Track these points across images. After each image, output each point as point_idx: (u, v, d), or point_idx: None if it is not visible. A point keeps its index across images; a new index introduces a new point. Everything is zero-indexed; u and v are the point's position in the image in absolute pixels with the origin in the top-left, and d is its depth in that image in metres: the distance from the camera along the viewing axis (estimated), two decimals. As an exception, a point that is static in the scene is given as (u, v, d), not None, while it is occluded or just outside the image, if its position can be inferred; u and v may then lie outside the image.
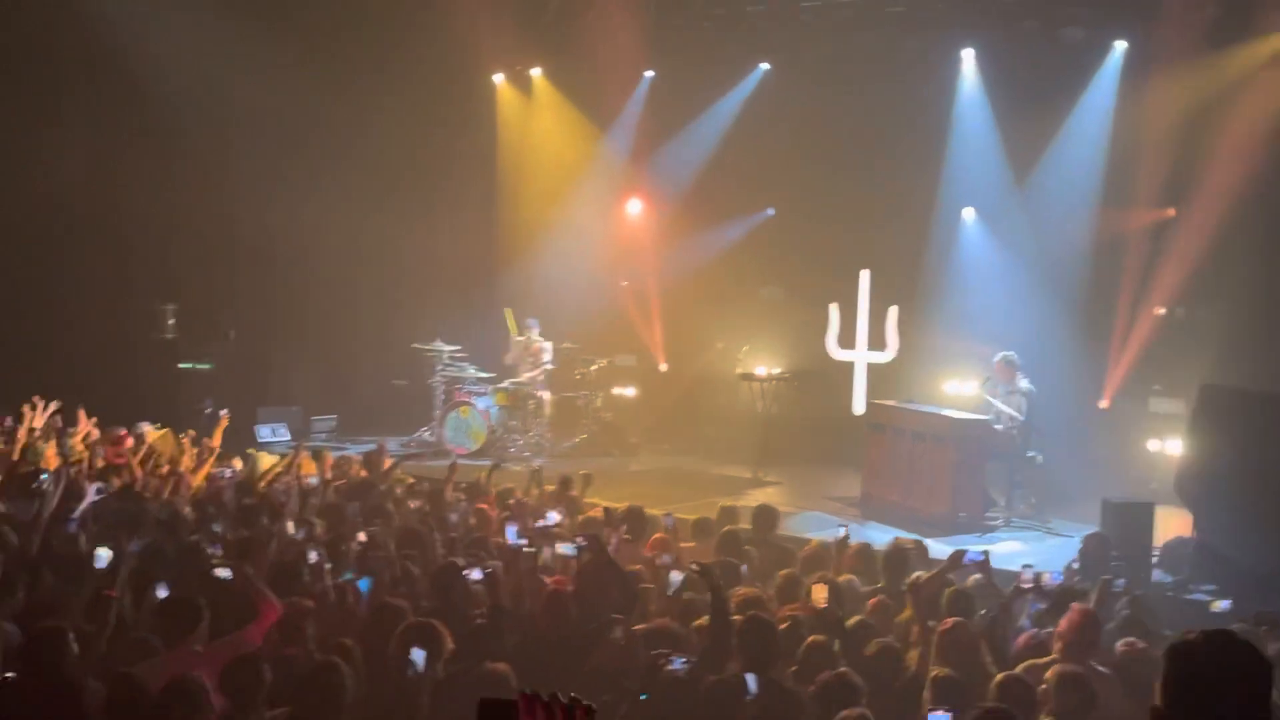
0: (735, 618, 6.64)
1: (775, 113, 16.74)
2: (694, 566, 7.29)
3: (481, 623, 6.78)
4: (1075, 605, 6.95)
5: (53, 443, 11.53)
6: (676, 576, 7.74)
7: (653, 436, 17.79)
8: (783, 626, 6.90)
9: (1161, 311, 14.94)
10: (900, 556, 8.43)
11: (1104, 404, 15.14)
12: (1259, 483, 10.69)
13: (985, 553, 8.47)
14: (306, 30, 16.59)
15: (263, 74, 16.12)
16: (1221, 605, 8.49)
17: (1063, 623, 6.74)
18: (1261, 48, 14.06)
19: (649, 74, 18.06)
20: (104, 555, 6.93)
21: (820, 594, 7.05)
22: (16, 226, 16.40)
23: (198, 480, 10.64)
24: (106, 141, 16.13)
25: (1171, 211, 14.77)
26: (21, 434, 11.41)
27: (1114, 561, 9.83)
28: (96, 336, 16.57)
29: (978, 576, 8.33)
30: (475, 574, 7.43)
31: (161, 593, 6.91)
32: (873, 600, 7.86)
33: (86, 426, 12.19)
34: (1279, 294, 13.63)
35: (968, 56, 15.72)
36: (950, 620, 6.91)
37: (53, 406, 11.95)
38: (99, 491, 8.91)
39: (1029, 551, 11.95)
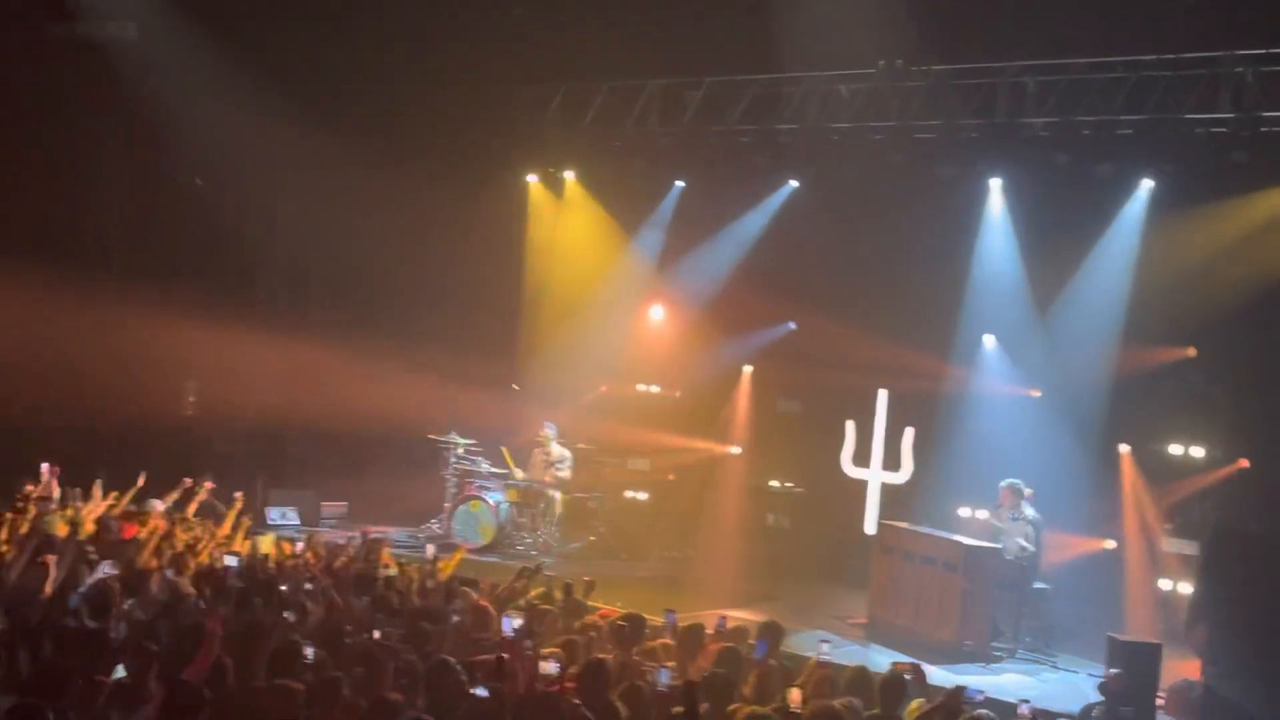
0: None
1: (801, 229, 16.85)
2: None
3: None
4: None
5: (68, 513, 11.60)
6: (665, 674, 7.74)
7: (662, 542, 17.72)
8: None
9: (1177, 450, 14.86)
10: (897, 683, 8.35)
11: (1110, 544, 14.90)
12: (1268, 629, 10.61)
13: (982, 692, 8.39)
14: (345, 127, 16.97)
15: (300, 166, 16.49)
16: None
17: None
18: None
19: (679, 183, 18.29)
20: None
21: (795, 697, 7.06)
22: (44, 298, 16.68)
23: (200, 560, 10.64)
24: (145, 217, 16.43)
25: (1192, 351, 14.77)
26: (32, 504, 11.49)
27: (1123, 706, 9.72)
28: (119, 411, 16.70)
29: (983, 711, 8.25)
30: (480, 692, 7.28)
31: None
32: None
33: (101, 504, 12.27)
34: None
35: (995, 186, 15.85)
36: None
37: (53, 473, 12.11)
38: (108, 569, 8.93)
39: (1033, 684, 11.85)
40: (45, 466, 12.59)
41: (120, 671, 6.88)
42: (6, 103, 16.34)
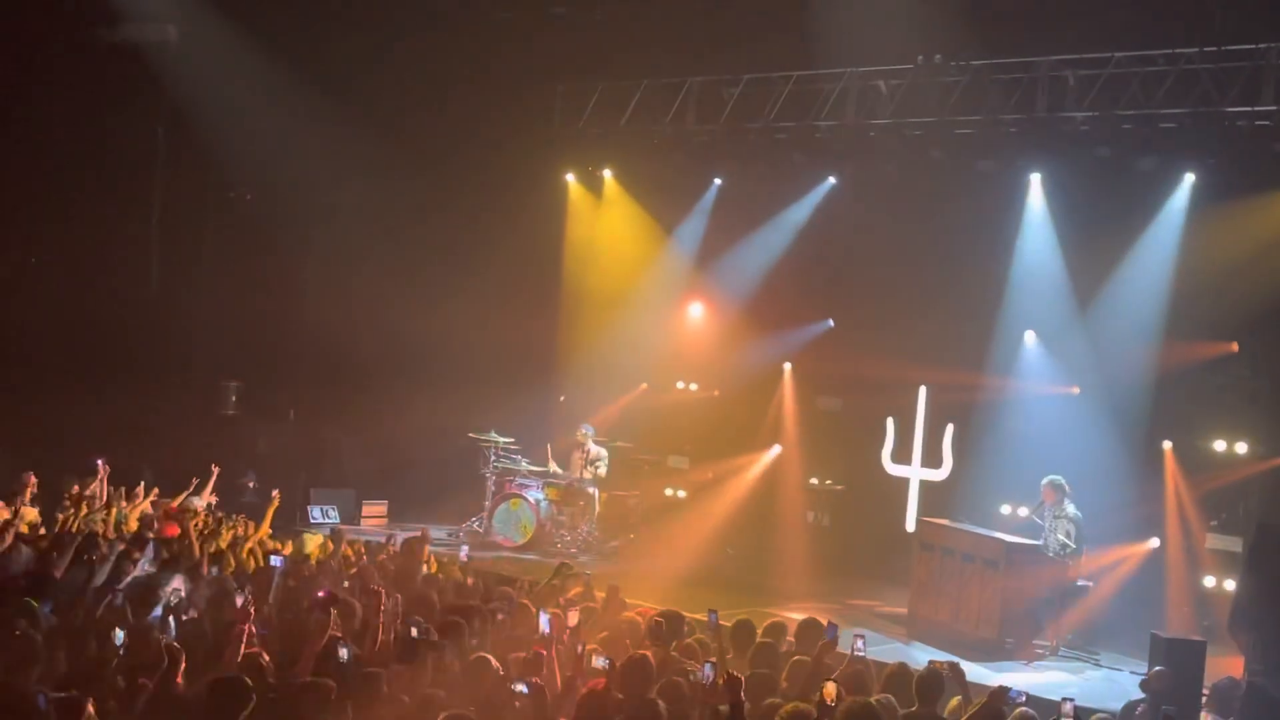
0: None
1: (839, 226, 16.82)
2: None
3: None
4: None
5: (112, 513, 11.73)
6: (708, 669, 7.70)
7: (703, 540, 17.69)
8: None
9: (1220, 446, 14.69)
10: (934, 680, 8.30)
11: (1154, 543, 14.71)
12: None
13: (1024, 693, 8.31)
14: (384, 126, 17.09)
15: (340, 165, 16.60)
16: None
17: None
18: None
19: (717, 180, 18.26)
20: (120, 635, 6.96)
21: (831, 691, 7.07)
22: (88, 298, 16.89)
23: (240, 558, 10.74)
24: (183, 222, 16.63)
25: (1235, 346, 14.61)
26: (83, 503, 11.63)
27: (1166, 704, 9.62)
28: (162, 411, 16.89)
29: (1025, 709, 8.19)
30: (520, 687, 7.31)
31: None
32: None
33: (144, 502, 12.40)
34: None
35: (1035, 181, 15.73)
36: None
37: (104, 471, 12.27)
38: (150, 563, 9.02)
39: (1076, 682, 11.78)
40: (100, 462, 12.73)
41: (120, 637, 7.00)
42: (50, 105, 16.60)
